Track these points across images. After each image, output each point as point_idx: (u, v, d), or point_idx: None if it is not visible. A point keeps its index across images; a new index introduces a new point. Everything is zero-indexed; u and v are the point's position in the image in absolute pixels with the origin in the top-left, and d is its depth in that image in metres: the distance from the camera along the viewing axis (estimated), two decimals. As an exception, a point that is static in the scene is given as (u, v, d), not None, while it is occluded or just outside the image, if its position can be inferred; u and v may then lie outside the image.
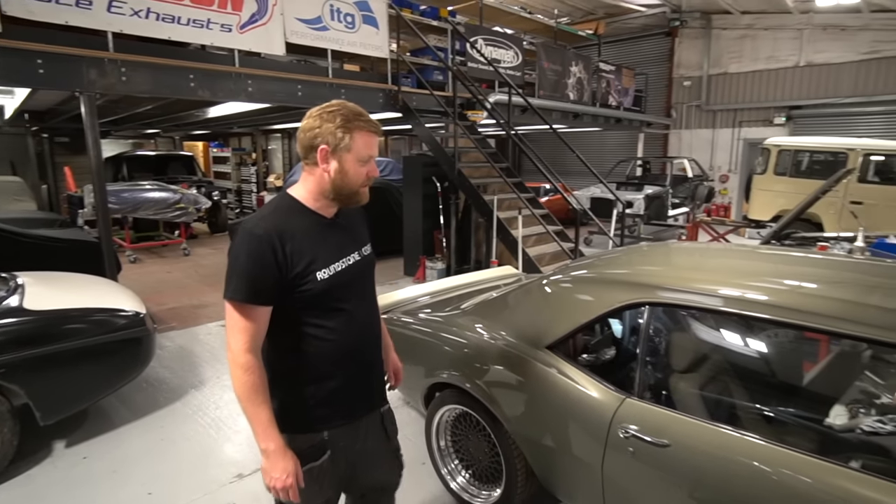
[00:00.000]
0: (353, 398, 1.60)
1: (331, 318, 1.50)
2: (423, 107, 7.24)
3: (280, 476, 1.41)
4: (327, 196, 1.51)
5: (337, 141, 1.44)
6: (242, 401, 1.41)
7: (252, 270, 1.38)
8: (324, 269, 1.47)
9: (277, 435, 1.42)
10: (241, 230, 1.43)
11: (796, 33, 11.93)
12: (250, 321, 1.40)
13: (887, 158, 7.88)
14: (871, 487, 1.48)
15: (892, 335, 1.59)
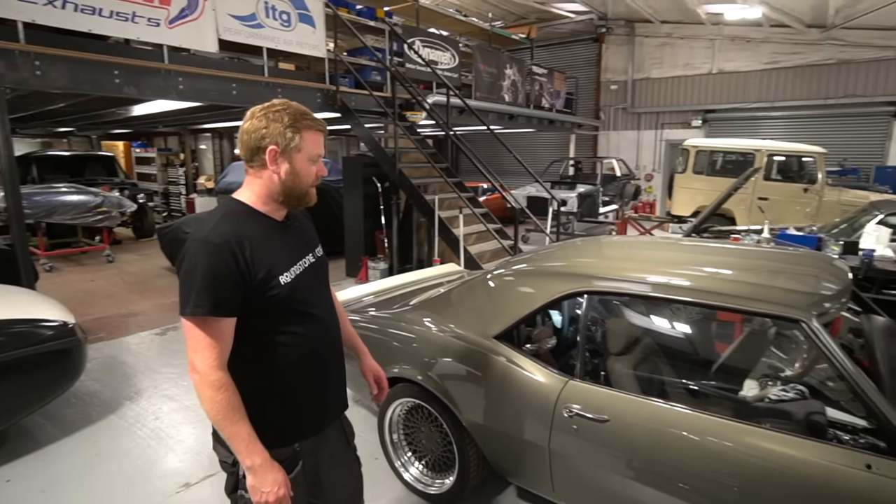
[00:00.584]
0: (324, 405, 1.57)
1: (297, 323, 1.46)
2: (362, 107, 7.22)
3: (272, 489, 1.35)
4: (276, 199, 1.46)
5: (287, 141, 1.40)
6: (219, 421, 1.32)
7: (214, 281, 1.31)
8: (285, 272, 1.43)
9: (262, 448, 1.36)
10: (194, 241, 1.35)
11: (709, 43, 12.91)
12: (216, 336, 1.32)
13: (787, 159, 8.72)
14: (778, 442, 1.71)
15: (794, 312, 1.82)
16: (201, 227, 1.38)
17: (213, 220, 1.39)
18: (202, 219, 1.45)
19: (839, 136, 11.51)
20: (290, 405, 1.48)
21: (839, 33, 11.12)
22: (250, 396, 1.39)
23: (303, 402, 1.50)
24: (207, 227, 1.37)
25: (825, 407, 1.91)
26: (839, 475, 1.57)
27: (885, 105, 11.14)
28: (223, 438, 1.37)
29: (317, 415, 1.56)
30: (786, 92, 12.15)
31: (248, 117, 1.43)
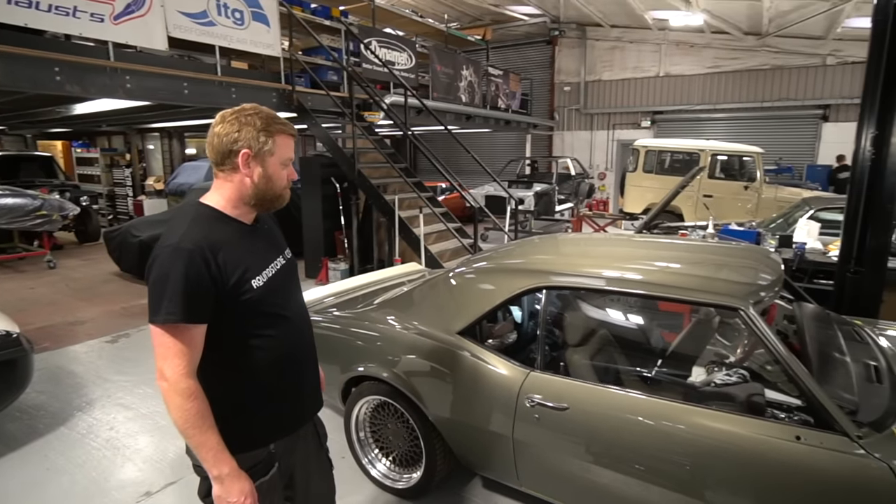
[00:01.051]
0: (298, 406, 1.57)
1: (271, 325, 1.46)
2: (319, 107, 7.15)
3: (238, 499, 1.34)
4: (248, 202, 1.45)
5: (260, 145, 1.39)
6: (187, 429, 1.30)
7: (187, 288, 1.28)
8: (257, 276, 1.42)
9: (230, 457, 1.34)
10: (165, 247, 1.32)
11: (656, 47, 13.46)
12: (187, 343, 1.31)
13: (729, 158, 9.22)
14: (723, 421, 1.86)
15: (733, 300, 1.97)
16: (171, 232, 1.36)
17: (182, 225, 1.37)
18: (171, 224, 1.41)
19: (775, 137, 12.24)
20: (266, 408, 1.48)
21: (773, 41, 11.84)
22: (225, 400, 1.38)
23: (278, 404, 1.50)
24: (178, 232, 1.34)
25: (764, 389, 2.08)
26: (774, 447, 1.72)
27: (815, 108, 11.96)
28: (190, 447, 1.35)
29: (292, 415, 1.56)
30: (726, 95, 12.83)
31: (218, 121, 1.42)
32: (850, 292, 3.41)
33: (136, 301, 6.31)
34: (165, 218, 7.93)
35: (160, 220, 7.74)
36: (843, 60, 11.45)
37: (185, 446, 1.45)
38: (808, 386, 1.74)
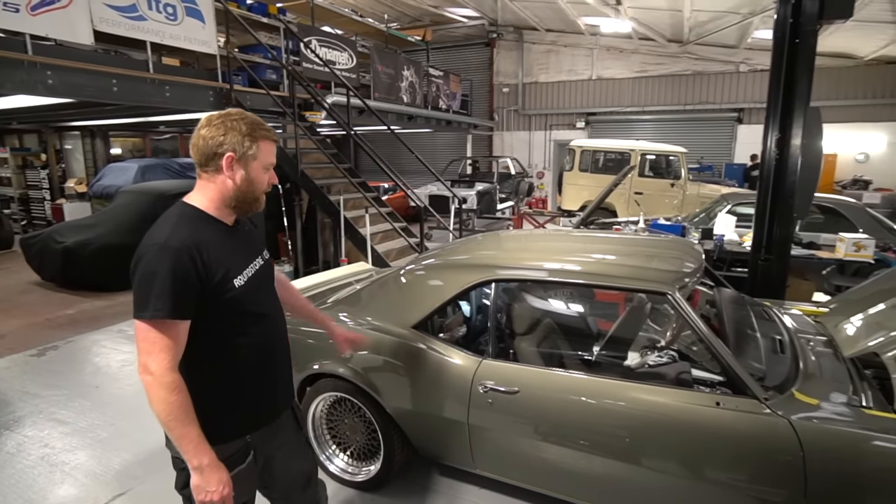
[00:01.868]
0: (274, 398, 1.63)
1: (251, 323, 1.52)
2: (259, 106, 6.99)
3: (217, 488, 1.39)
4: (228, 204, 1.50)
5: (244, 149, 1.46)
6: (170, 422, 1.34)
7: (175, 285, 1.34)
8: (239, 275, 1.48)
9: (209, 449, 1.39)
10: (152, 246, 1.37)
11: (589, 52, 14.10)
12: (172, 338, 1.36)
13: (657, 158, 9.85)
14: (654, 394, 2.07)
15: (661, 286, 2.18)
16: (157, 231, 1.41)
17: (168, 224, 1.42)
18: (157, 224, 1.45)
19: (696, 138, 13.15)
20: (244, 400, 1.53)
21: (693, 48, 12.72)
22: (205, 394, 1.43)
23: (256, 397, 1.56)
24: (165, 231, 1.39)
25: (691, 367, 2.31)
26: (698, 412, 1.95)
27: (731, 111, 12.97)
28: (171, 439, 1.39)
29: (269, 408, 1.62)
30: (653, 98, 13.64)
31: (204, 124, 1.46)
32: (761, 278, 3.79)
33: (63, 311, 5.94)
34: (92, 222, 7.49)
35: (87, 225, 7.31)
36: (753, 68, 12.49)
37: (165, 438, 1.48)
38: (725, 358, 1.97)
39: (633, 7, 10.43)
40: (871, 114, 11.86)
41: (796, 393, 1.91)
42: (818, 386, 1.97)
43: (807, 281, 4.73)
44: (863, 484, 1.72)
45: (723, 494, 1.94)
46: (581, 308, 3.07)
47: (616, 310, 3.32)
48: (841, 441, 1.76)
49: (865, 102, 11.82)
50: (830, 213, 5.68)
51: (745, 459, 1.88)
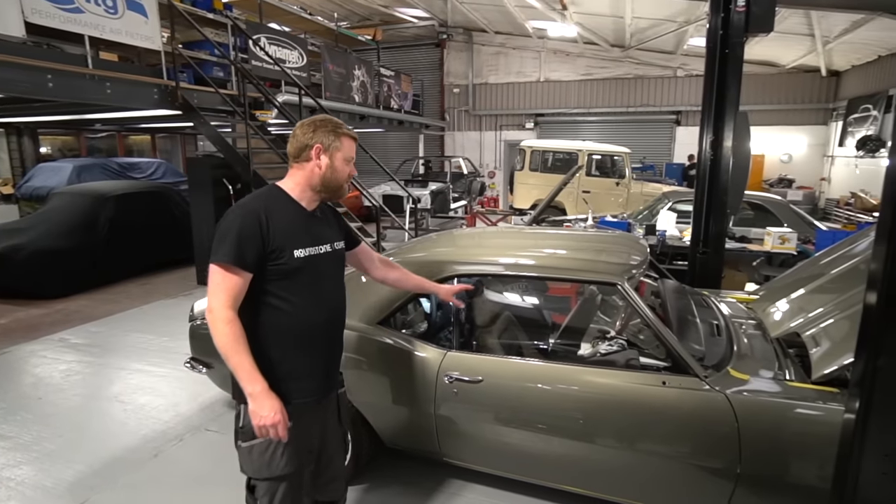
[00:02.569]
0: (310, 375, 1.75)
1: (299, 294, 1.69)
2: (207, 105, 6.80)
3: (268, 414, 1.54)
4: (315, 188, 1.74)
5: (330, 142, 1.71)
6: (227, 351, 1.54)
7: (241, 237, 1.58)
8: (299, 249, 1.67)
9: (261, 378, 1.56)
10: (234, 208, 1.67)
11: (536, 54, 14.49)
12: (233, 282, 1.58)
13: (603, 158, 10.28)
14: (605, 376, 2.24)
15: (611, 277, 2.35)
16: (244, 200, 1.72)
17: (253, 196, 1.74)
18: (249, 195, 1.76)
19: (638, 139, 13.79)
20: (281, 368, 1.68)
21: (635, 53, 13.33)
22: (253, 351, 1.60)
23: (293, 368, 1.71)
24: (248, 200, 1.71)
25: (639, 354, 2.49)
26: (646, 392, 2.13)
27: (670, 114, 13.70)
28: (230, 368, 1.57)
29: (310, 382, 1.76)
30: (598, 100, 14.19)
31: (298, 126, 1.75)
32: (700, 270, 4.08)
33: (-5, 320, 5.58)
34: (25, 226, 7.06)
35: (19, 229, 6.88)
36: (689, 73, 13.24)
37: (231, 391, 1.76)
38: (670, 342, 2.16)
39: (579, 12, 10.83)
40: (793, 118, 12.84)
41: (731, 370, 2.12)
42: (750, 363, 2.19)
43: (739, 272, 5.11)
44: (787, 446, 1.95)
45: (670, 465, 2.13)
46: (537, 300, 3.23)
47: (568, 303, 3.51)
48: (769, 410, 1.97)
49: (788, 107, 12.78)
50: (759, 210, 6.15)
51: (688, 432, 2.07)
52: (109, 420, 3.56)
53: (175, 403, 3.76)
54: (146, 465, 3.03)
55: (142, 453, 3.14)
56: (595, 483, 2.30)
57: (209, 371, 3.06)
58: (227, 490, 2.78)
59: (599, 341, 2.76)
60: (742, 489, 1.98)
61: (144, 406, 3.73)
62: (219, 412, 3.61)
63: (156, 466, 3.02)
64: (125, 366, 4.42)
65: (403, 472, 2.86)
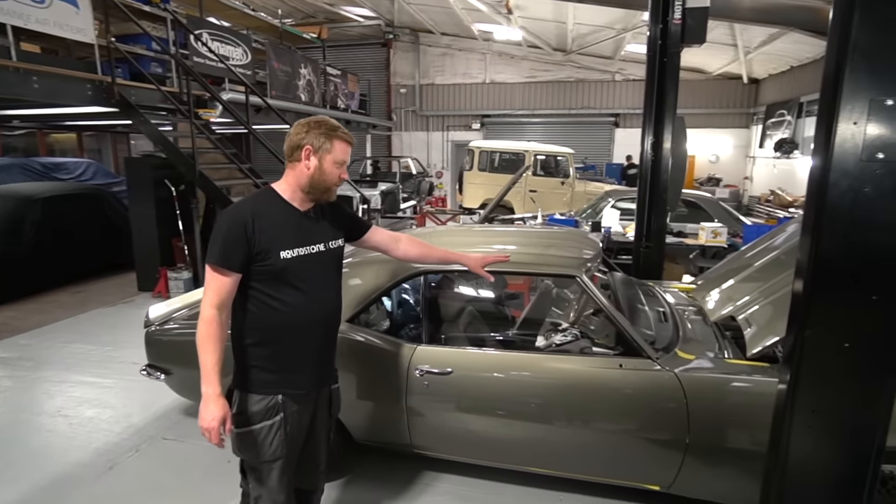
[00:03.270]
0: (302, 369, 1.81)
1: (286, 293, 1.74)
2: (146, 102, 6.50)
3: (209, 417, 1.63)
4: (303, 189, 1.77)
5: (320, 144, 1.74)
6: (198, 347, 1.64)
7: (226, 240, 1.65)
8: (287, 250, 1.72)
9: (216, 382, 1.64)
10: (224, 211, 1.74)
11: (482, 56, 14.76)
12: (220, 282, 1.66)
13: (548, 158, 10.64)
14: (570, 362, 2.40)
15: (570, 270, 2.51)
16: (237, 202, 1.78)
17: (245, 198, 1.81)
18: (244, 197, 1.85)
19: (580, 140, 14.34)
20: (270, 359, 1.76)
21: (576, 58, 13.87)
22: (246, 347, 1.74)
23: (288, 362, 1.77)
24: (239, 202, 1.77)
25: (591, 344, 2.66)
26: (605, 374, 2.31)
27: (609, 116, 14.35)
28: None
29: (300, 377, 1.81)
30: (542, 102, 14.65)
31: (294, 125, 1.78)
32: (643, 263, 4.37)
33: None
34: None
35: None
36: (627, 77, 13.92)
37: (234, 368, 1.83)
38: (625, 327, 2.34)
39: (523, 17, 11.15)
40: (719, 121, 13.79)
41: (679, 352, 2.33)
42: (694, 345, 2.42)
43: (677, 264, 5.49)
44: (728, 416, 2.17)
45: (627, 440, 2.31)
46: (498, 295, 3.36)
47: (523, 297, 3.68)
48: (712, 385, 2.19)
49: (715, 111, 13.72)
50: (692, 207, 6.60)
51: (643, 408, 2.26)
52: (55, 436, 3.37)
53: (127, 414, 3.61)
54: (102, 478, 2.91)
55: (95, 467, 3.01)
56: (560, 462, 2.45)
57: (168, 377, 2.98)
58: (192, 499, 2.73)
59: (553, 333, 2.93)
60: (691, 457, 2.19)
61: (93, 419, 3.56)
62: (175, 420, 3.51)
63: (112, 479, 2.91)
64: (65, 378, 4.18)
65: (373, 467, 2.91)
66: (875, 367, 1.34)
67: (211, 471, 2.92)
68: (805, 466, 1.47)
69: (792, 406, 1.44)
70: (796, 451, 1.45)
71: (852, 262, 1.30)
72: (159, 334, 2.98)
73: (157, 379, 2.99)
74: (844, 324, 1.33)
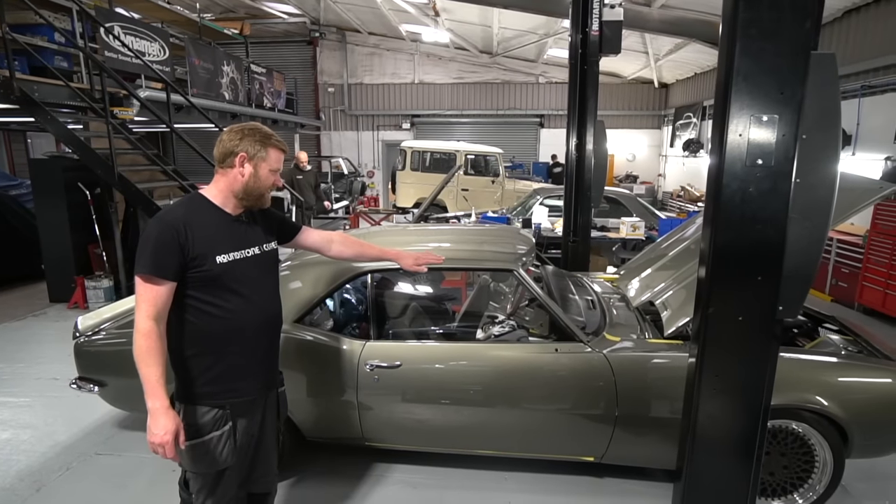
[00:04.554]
0: (247, 376, 1.79)
1: (226, 299, 1.71)
2: (52, 99, 6.03)
3: (160, 433, 1.56)
4: (237, 195, 1.75)
5: (255, 151, 1.73)
6: (137, 362, 1.57)
7: (158, 249, 1.59)
8: (222, 254, 1.69)
9: (163, 395, 1.57)
10: (153, 219, 1.67)
11: (410, 57, 14.87)
12: (153, 292, 1.60)
13: (477, 157, 10.95)
14: (514, 350, 2.59)
15: (508, 265, 2.70)
16: (166, 209, 1.73)
17: (174, 205, 1.75)
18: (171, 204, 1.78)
19: (507, 139, 14.85)
20: (213, 368, 1.72)
21: (502, 60, 14.33)
22: (187, 356, 1.70)
23: (229, 369, 1.75)
24: (169, 209, 1.72)
25: (527, 334, 2.87)
26: (543, 358, 2.52)
27: (534, 117, 14.96)
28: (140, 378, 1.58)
29: (246, 384, 1.79)
30: (470, 102, 15.00)
31: (227, 131, 1.77)
32: (571, 256, 4.69)
33: None
34: None
35: None
36: (550, 80, 14.57)
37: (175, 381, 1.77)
38: (559, 315, 2.56)
39: (450, 20, 11.39)
40: (635, 122, 14.80)
41: (607, 335, 2.58)
42: (620, 329, 2.68)
43: (601, 256, 5.91)
44: (649, 388, 2.45)
45: (565, 418, 2.54)
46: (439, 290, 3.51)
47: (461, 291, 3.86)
48: (636, 362, 2.46)
49: (630, 113, 14.70)
50: (613, 203, 7.11)
51: (578, 387, 2.48)
52: (-34, 462, 3.12)
53: (50, 433, 3.40)
54: (28, 501, 2.75)
55: (19, 490, 2.82)
56: (504, 443, 2.64)
57: (102, 390, 2.86)
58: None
59: (490, 325, 3.12)
60: (620, 429, 2.45)
61: (10, 441, 3.32)
62: (108, 434, 3.36)
63: (40, 501, 2.75)
64: (-28, 400, 3.86)
65: (324, 463, 2.96)
66: (761, 334, 1.61)
67: (155, 483, 2.84)
68: (712, 422, 1.73)
69: (700, 371, 1.69)
70: (704, 411, 1.71)
71: (742, 250, 1.56)
72: (90, 345, 2.85)
73: (90, 392, 2.86)
74: (737, 300, 1.60)
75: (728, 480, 1.76)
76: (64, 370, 4.31)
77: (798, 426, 2.39)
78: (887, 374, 2.40)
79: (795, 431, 2.40)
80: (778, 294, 1.55)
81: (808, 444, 2.41)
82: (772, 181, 1.48)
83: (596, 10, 4.08)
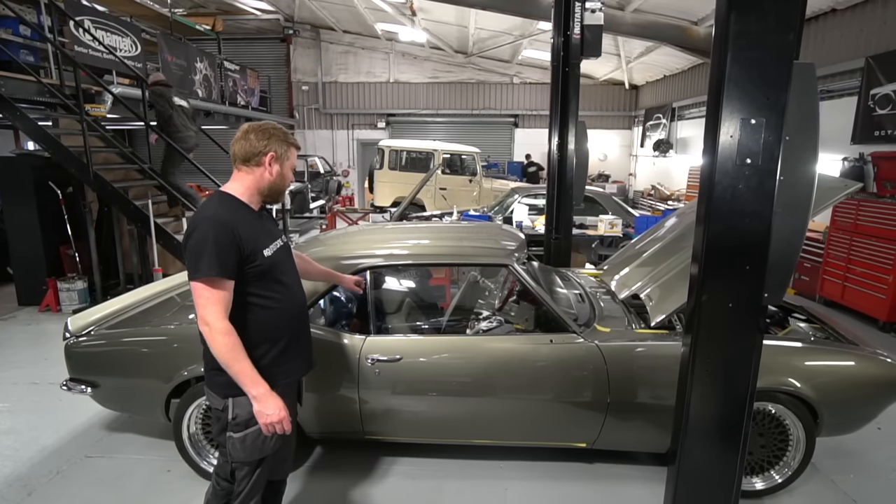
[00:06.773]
0: (296, 357, 1.92)
1: (275, 289, 1.83)
2: (20, 95, 5.84)
3: (274, 412, 1.69)
4: (262, 192, 1.84)
5: (283, 151, 1.83)
6: (228, 360, 1.65)
7: (220, 250, 1.65)
8: (266, 248, 1.80)
9: (262, 381, 1.69)
10: (203, 219, 1.69)
11: (386, 56, 14.85)
12: (221, 294, 1.66)
13: (454, 157, 11.04)
14: (511, 342, 2.69)
15: (502, 260, 2.79)
16: (205, 209, 1.75)
17: (213, 205, 1.77)
18: (203, 205, 1.80)
19: (483, 139, 14.97)
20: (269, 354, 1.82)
21: (477, 60, 14.45)
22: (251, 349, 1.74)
23: (280, 352, 1.85)
24: (212, 209, 1.74)
25: (515, 328, 2.97)
26: (538, 349, 2.62)
27: (509, 117, 15.15)
28: (232, 376, 1.68)
29: (296, 363, 1.94)
30: (445, 102, 15.08)
31: (249, 131, 1.81)
32: (554, 253, 4.82)
33: None
34: None
35: None
36: (524, 81, 14.77)
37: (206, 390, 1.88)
38: (552, 307, 2.67)
39: (427, 19, 11.44)
40: (607, 122, 15.13)
41: (597, 326, 2.71)
42: (609, 320, 2.81)
43: (580, 253, 6.08)
44: (638, 375, 2.58)
45: (560, 406, 2.64)
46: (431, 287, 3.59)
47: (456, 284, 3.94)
48: (626, 351, 2.59)
49: (603, 113, 15.03)
50: (589, 201, 7.29)
51: (572, 376, 2.60)
52: (-55, 471, 3.03)
53: (35, 437, 3.33)
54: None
55: (9, 496, 2.77)
56: (501, 432, 2.74)
57: (95, 391, 2.83)
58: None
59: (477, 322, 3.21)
60: (611, 415, 2.58)
61: (-8, 447, 3.25)
62: (98, 436, 3.31)
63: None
64: (-54, 407, 3.73)
65: (322, 457, 3.00)
66: (748, 320, 1.75)
67: (150, 483, 2.83)
68: (705, 404, 1.85)
69: (693, 356, 1.81)
70: (698, 393, 1.84)
71: (732, 243, 1.69)
72: (83, 346, 2.82)
73: (82, 393, 2.82)
74: (728, 289, 1.73)
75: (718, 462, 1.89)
76: (42, 374, 4.21)
77: (773, 407, 2.56)
78: (851, 358, 2.60)
79: (771, 413, 2.58)
80: (763, 282, 1.69)
81: (783, 424, 2.59)
82: (759, 179, 1.61)
83: (578, 15, 4.21)
